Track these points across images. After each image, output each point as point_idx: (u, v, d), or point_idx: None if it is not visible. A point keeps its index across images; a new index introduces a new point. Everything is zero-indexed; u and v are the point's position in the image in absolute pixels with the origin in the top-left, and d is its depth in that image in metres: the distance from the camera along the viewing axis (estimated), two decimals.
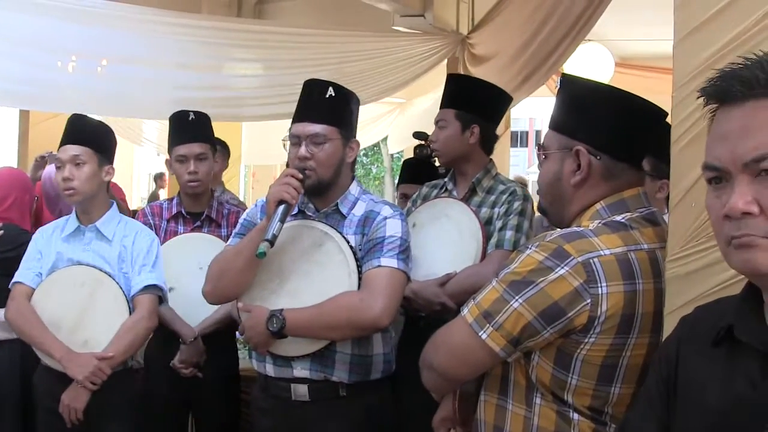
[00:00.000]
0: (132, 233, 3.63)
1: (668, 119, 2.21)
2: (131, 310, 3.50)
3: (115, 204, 3.74)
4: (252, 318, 2.97)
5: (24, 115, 7.60)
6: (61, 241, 3.61)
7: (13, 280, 3.60)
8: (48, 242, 3.63)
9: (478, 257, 3.55)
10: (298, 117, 3.10)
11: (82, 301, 3.50)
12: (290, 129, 3.12)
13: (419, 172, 4.99)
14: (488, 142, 3.82)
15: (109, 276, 3.53)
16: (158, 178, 13.88)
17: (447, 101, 3.88)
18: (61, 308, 3.51)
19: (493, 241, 3.56)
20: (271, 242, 2.84)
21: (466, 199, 3.74)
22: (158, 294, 3.59)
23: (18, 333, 3.59)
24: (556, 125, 2.19)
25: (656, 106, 2.16)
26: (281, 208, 2.89)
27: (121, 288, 3.52)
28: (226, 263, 3.07)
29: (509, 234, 3.54)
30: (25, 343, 3.93)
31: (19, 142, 7.59)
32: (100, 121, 3.74)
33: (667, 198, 2.82)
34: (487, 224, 3.61)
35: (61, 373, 3.41)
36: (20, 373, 3.98)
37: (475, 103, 3.80)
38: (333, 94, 3.07)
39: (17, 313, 3.53)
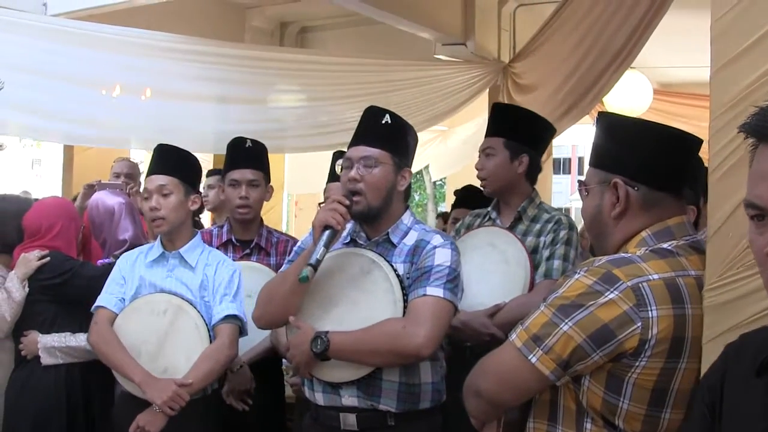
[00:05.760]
0: (214, 263, 3.65)
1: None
2: (212, 339, 3.50)
3: (199, 233, 3.78)
4: (298, 336, 2.98)
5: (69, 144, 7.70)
6: (145, 267, 3.64)
7: (96, 305, 3.61)
8: (132, 268, 3.65)
9: (526, 287, 3.55)
10: (353, 142, 3.12)
11: (163, 329, 3.51)
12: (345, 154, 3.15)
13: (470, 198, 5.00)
14: (534, 172, 3.85)
15: (190, 303, 3.54)
16: None
17: (494, 129, 3.89)
18: (142, 335, 3.52)
19: (542, 270, 3.57)
20: (315, 267, 2.86)
21: (511, 228, 3.75)
22: (238, 324, 3.58)
23: (100, 357, 3.60)
24: (594, 162, 2.24)
25: (690, 134, 2.18)
26: (327, 233, 2.90)
27: (202, 316, 3.53)
28: (273, 288, 3.11)
29: (557, 263, 3.56)
30: (70, 370, 3.99)
31: (64, 170, 7.67)
32: (186, 151, 3.78)
33: (695, 223, 2.84)
34: (533, 253, 3.63)
35: (141, 401, 3.39)
36: (66, 399, 3.99)
37: (525, 133, 3.82)
38: (389, 122, 3.08)
39: (99, 337, 3.54)
